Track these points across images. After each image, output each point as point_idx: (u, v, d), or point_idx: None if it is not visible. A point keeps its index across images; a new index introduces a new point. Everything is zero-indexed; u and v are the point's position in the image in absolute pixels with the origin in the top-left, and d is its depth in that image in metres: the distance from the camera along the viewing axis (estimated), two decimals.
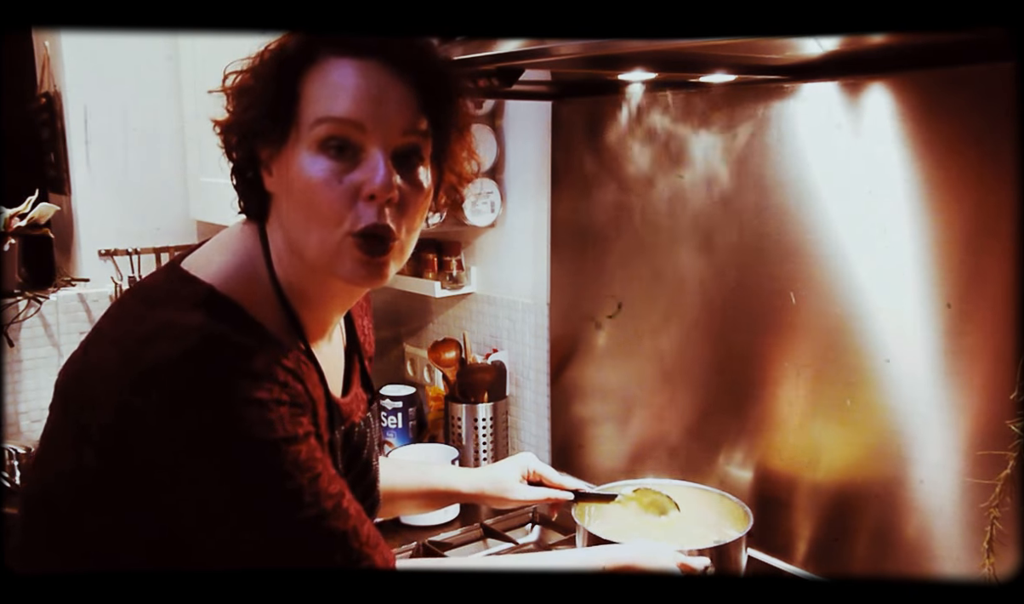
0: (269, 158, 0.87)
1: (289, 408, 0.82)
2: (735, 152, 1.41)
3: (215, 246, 0.93)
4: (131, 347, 0.81)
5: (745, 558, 1.26)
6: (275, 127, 0.85)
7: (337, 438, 0.96)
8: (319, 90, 0.83)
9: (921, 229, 1.18)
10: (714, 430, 1.50)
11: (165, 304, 0.84)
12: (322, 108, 0.83)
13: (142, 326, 0.82)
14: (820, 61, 1.22)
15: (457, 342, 1.95)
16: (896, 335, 1.23)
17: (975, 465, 1.14)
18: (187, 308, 0.83)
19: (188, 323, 0.81)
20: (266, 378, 0.80)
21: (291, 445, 0.81)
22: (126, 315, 0.88)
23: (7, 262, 1.84)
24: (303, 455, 0.81)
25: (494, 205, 1.90)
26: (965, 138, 1.13)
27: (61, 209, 2.00)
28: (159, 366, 0.78)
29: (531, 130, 1.83)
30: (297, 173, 0.84)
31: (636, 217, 1.60)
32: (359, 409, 1.03)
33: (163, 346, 0.79)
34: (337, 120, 0.82)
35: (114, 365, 0.81)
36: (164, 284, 0.88)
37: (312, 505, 0.81)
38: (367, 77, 0.83)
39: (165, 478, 0.79)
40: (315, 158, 0.83)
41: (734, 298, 1.44)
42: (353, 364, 1.05)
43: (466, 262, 2.03)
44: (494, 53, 1.12)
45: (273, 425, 0.80)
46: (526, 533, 1.70)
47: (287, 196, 0.86)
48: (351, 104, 0.82)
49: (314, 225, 0.85)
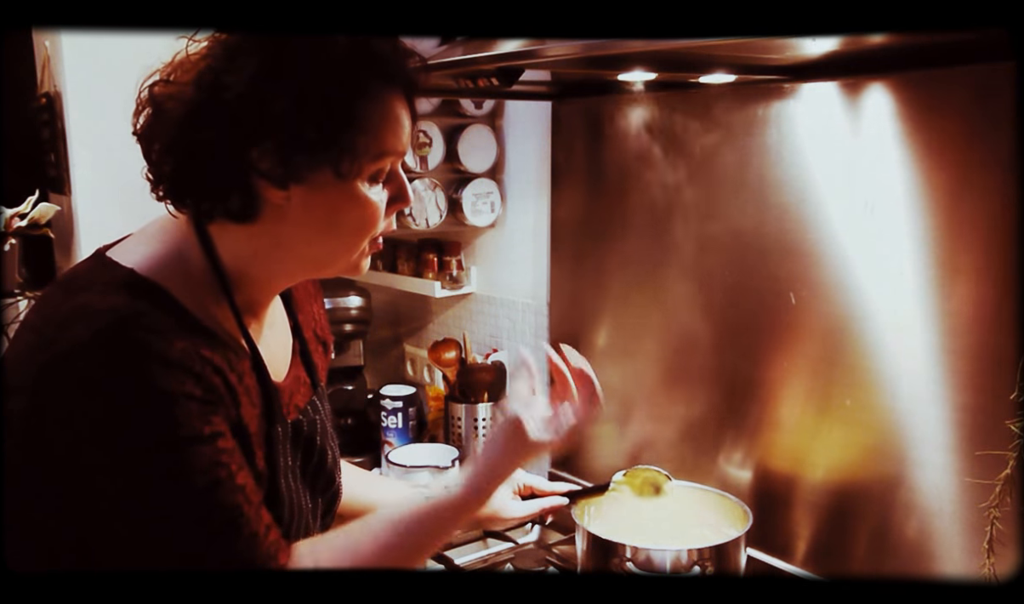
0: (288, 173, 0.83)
1: (199, 404, 0.79)
2: (735, 152, 1.41)
3: (139, 237, 0.92)
4: (47, 332, 0.80)
5: (745, 558, 1.26)
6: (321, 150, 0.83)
7: (279, 432, 0.93)
8: (379, 122, 0.85)
9: (921, 229, 1.18)
10: (714, 430, 1.50)
11: (84, 289, 0.83)
12: (386, 143, 0.86)
13: (59, 311, 0.81)
14: (820, 61, 1.22)
15: (457, 342, 1.95)
16: (896, 335, 1.23)
17: (975, 465, 1.14)
18: (105, 291, 0.82)
19: (103, 306, 0.80)
20: (179, 367, 0.78)
21: (193, 445, 0.79)
22: (47, 303, 0.86)
23: (7, 262, 1.84)
24: (205, 457, 0.79)
25: (494, 205, 1.90)
26: (965, 138, 1.13)
27: (61, 209, 2.00)
28: (72, 350, 0.77)
29: (531, 130, 1.83)
30: (347, 200, 0.86)
31: (636, 217, 1.60)
32: (299, 391, 1.01)
33: (76, 329, 0.78)
34: (399, 154, 0.89)
35: (31, 350, 0.81)
36: (85, 271, 0.87)
37: (202, 511, 0.80)
38: (405, 109, 0.89)
39: (67, 466, 0.78)
40: (371, 188, 0.87)
41: (734, 298, 1.44)
42: (295, 348, 1.04)
43: (466, 262, 2.03)
44: (494, 53, 1.12)
45: (177, 421, 0.78)
46: (526, 533, 1.70)
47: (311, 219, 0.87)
48: (404, 138, 0.88)
49: (351, 242, 0.89)
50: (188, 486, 0.79)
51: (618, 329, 1.67)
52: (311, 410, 1.02)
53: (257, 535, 0.83)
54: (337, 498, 1.08)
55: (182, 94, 0.83)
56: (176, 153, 0.85)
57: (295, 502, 0.95)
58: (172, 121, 0.84)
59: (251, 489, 0.84)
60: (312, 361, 1.06)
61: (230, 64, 0.81)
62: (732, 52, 1.17)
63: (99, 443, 0.77)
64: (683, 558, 1.20)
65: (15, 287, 1.88)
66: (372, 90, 0.84)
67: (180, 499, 0.79)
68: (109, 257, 0.87)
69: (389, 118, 0.86)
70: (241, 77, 0.80)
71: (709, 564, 1.20)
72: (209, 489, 0.80)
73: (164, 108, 0.85)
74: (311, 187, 0.84)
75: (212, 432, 0.80)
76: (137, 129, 0.88)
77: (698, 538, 1.29)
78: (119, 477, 0.78)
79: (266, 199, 0.85)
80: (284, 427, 0.94)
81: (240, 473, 0.83)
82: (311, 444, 1.00)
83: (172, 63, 0.87)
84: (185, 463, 0.78)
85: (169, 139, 0.85)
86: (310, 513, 0.99)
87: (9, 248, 1.85)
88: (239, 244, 0.89)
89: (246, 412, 0.87)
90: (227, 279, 0.89)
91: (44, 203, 1.93)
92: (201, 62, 0.83)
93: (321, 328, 1.13)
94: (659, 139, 1.54)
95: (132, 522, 0.80)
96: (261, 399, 0.91)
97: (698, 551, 1.21)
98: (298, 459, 0.98)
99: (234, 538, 0.81)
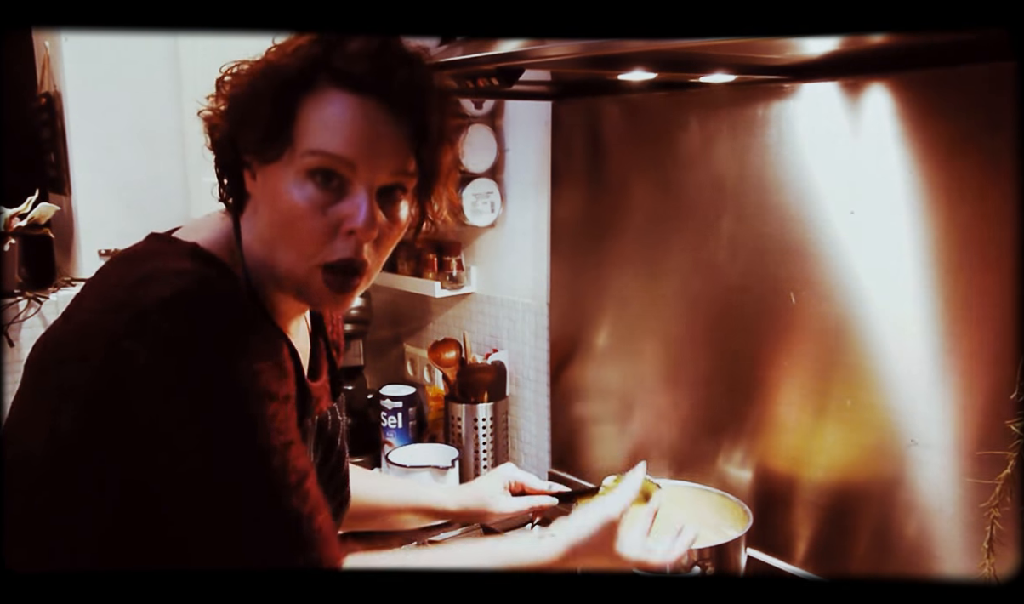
0: (254, 165, 0.87)
1: (273, 366, 0.80)
2: (735, 152, 1.41)
3: (190, 226, 0.93)
4: (119, 296, 0.80)
5: (745, 558, 1.26)
6: (266, 144, 0.84)
7: (309, 425, 0.94)
8: (315, 120, 0.83)
9: (921, 229, 1.18)
10: (714, 430, 1.50)
11: (152, 258, 0.84)
12: (316, 140, 0.83)
13: (129, 277, 0.82)
14: (820, 61, 1.22)
15: (457, 342, 1.95)
16: (896, 335, 1.23)
17: (975, 465, 1.14)
18: (175, 259, 0.83)
19: (179, 267, 0.81)
20: (253, 331, 0.80)
21: (273, 402, 0.79)
22: (108, 278, 0.87)
23: (7, 262, 1.84)
24: (280, 416, 0.80)
25: (494, 205, 1.90)
26: (965, 138, 1.13)
27: (61, 209, 2.00)
28: (152, 306, 0.77)
29: (531, 130, 1.83)
30: (281, 193, 0.84)
31: (636, 217, 1.60)
32: (325, 396, 1.02)
33: (156, 287, 0.78)
34: (329, 155, 0.83)
35: (101, 316, 0.80)
36: (144, 248, 0.88)
37: (279, 470, 0.79)
38: (364, 116, 0.83)
39: (150, 423, 0.77)
40: (302, 185, 0.83)
41: (734, 298, 1.44)
42: (319, 349, 1.04)
43: (466, 262, 2.03)
44: (494, 53, 1.12)
45: (260, 376, 0.78)
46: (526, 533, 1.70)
47: (267, 208, 0.87)
48: (345, 141, 0.83)
49: (289, 247, 0.86)
50: (268, 441, 0.79)
51: (618, 329, 1.67)
52: (331, 414, 1.03)
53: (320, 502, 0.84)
54: (345, 505, 1.08)
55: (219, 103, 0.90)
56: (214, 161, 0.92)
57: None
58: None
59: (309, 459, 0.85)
60: (336, 367, 1.08)
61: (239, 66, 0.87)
62: (732, 52, 1.17)
63: (181, 396, 0.77)
64: (683, 558, 1.20)
65: (15, 287, 1.87)
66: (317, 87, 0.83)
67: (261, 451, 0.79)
68: (167, 234, 0.90)
69: (325, 116, 0.83)
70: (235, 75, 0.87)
71: (709, 564, 1.20)
72: (285, 446, 0.80)
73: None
74: (265, 176, 0.86)
75: (285, 394, 0.82)
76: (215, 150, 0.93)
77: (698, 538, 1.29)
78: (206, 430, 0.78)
79: (248, 190, 0.90)
80: (312, 421, 0.96)
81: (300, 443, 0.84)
82: (332, 444, 1.01)
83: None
84: (267, 418, 0.79)
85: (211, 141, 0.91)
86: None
87: (9, 248, 1.85)
88: (245, 237, 0.91)
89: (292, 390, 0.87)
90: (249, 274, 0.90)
91: (44, 203, 1.92)
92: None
93: (337, 334, 1.13)
94: (659, 139, 1.54)
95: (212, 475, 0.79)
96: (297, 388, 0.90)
97: (698, 551, 1.21)
98: (318, 456, 0.98)
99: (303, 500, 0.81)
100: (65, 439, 0.80)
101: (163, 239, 0.89)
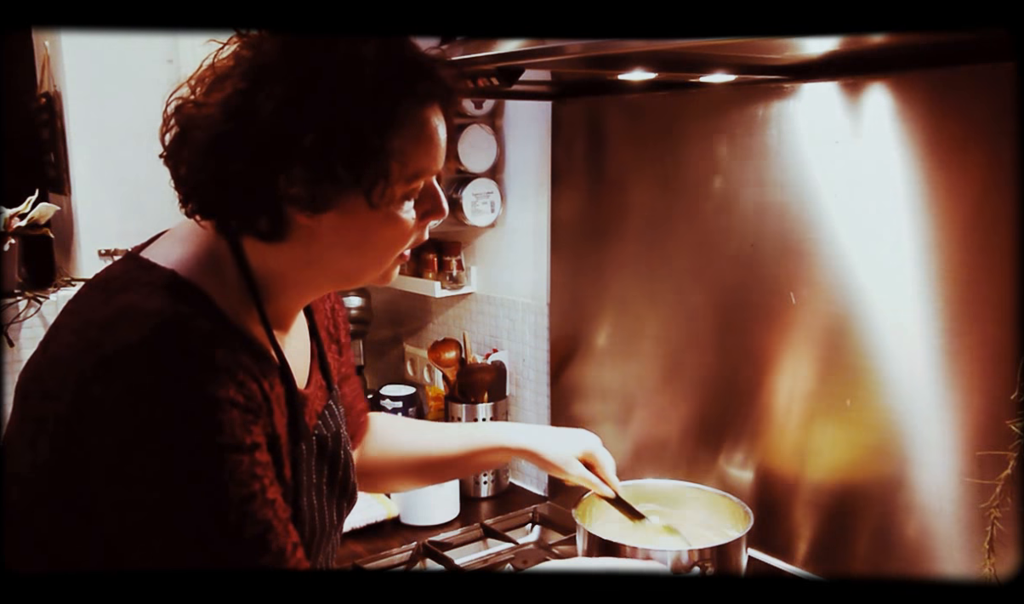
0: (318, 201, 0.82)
1: (241, 413, 0.79)
2: (735, 152, 1.41)
3: (172, 238, 0.91)
4: (91, 334, 0.79)
5: (745, 558, 1.26)
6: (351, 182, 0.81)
7: (304, 450, 0.93)
8: (410, 146, 0.83)
9: (921, 229, 1.18)
10: (714, 430, 1.50)
11: (125, 290, 0.82)
12: (419, 164, 0.84)
13: (102, 312, 0.80)
14: (820, 61, 1.22)
15: (457, 342, 1.95)
16: (896, 335, 1.23)
17: (975, 465, 1.14)
18: (148, 293, 0.81)
19: (149, 308, 0.79)
20: (223, 373, 0.78)
21: (234, 454, 0.78)
22: (85, 305, 0.85)
23: (7, 262, 1.84)
24: (243, 467, 0.78)
25: (494, 205, 1.90)
26: (965, 138, 1.13)
27: (61, 209, 2.00)
28: (118, 352, 0.76)
29: (531, 130, 1.83)
30: (379, 222, 0.85)
31: (636, 217, 1.60)
32: (318, 397, 1.01)
33: (123, 332, 0.77)
34: (433, 172, 0.87)
35: (74, 353, 0.79)
36: (123, 273, 0.86)
37: (235, 522, 0.78)
38: (440, 122, 0.86)
39: (107, 470, 0.77)
40: (403, 206, 0.86)
41: (734, 298, 1.44)
42: (313, 351, 1.03)
43: (466, 262, 2.03)
44: (494, 53, 1.12)
45: (221, 428, 0.77)
46: (526, 533, 1.70)
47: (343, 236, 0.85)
48: (438, 154, 0.87)
49: (382, 258, 0.89)
50: (224, 496, 0.77)
51: (618, 329, 1.67)
52: (328, 415, 1.01)
53: (284, 551, 0.81)
54: (354, 498, 1.07)
55: (210, 119, 0.81)
56: (204, 178, 0.83)
57: (316, 520, 0.94)
58: (199, 146, 0.82)
59: (280, 505, 0.83)
60: (327, 363, 1.06)
61: (257, 90, 0.79)
62: (732, 52, 1.17)
63: (142, 447, 0.76)
64: (684, 558, 1.20)
65: (15, 287, 1.87)
66: (402, 115, 0.81)
67: (215, 508, 0.77)
68: (146, 258, 0.87)
69: (421, 138, 0.84)
70: (268, 106, 0.78)
71: (710, 564, 1.20)
72: (244, 500, 0.78)
73: (191, 132, 0.82)
74: (342, 212, 0.83)
75: (252, 443, 0.80)
76: (164, 149, 0.86)
77: (698, 538, 1.29)
78: (158, 481, 0.77)
79: (296, 222, 0.84)
80: (308, 444, 0.94)
81: (271, 487, 0.82)
82: (335, 459, 1.00)
83: (197, 76, 0.84)
84: (224, 472, 0.77)
85: (197, 164, 0.83)
86: (332, 529, 0.99)
87: (9, 248, 1.85)
88: (269, 259, 0.87)
89: (278, 422, 0.87)
90: (258, 290, 0.88)
91: (44, 203, 1.92)
92: (227, 83, 0.81)
93: (335, 327, 1.12)
94: (659, 139, 1.54)
95: (163, 528, 0.78)
96: (288, 411, 0.90)
97: (699, 551, 1.21)
98: (323, 474, 0.97)
99: (261, 553, 0.80)
100: (42, 466, 0.80)
101: (141, 264, 0.86)
